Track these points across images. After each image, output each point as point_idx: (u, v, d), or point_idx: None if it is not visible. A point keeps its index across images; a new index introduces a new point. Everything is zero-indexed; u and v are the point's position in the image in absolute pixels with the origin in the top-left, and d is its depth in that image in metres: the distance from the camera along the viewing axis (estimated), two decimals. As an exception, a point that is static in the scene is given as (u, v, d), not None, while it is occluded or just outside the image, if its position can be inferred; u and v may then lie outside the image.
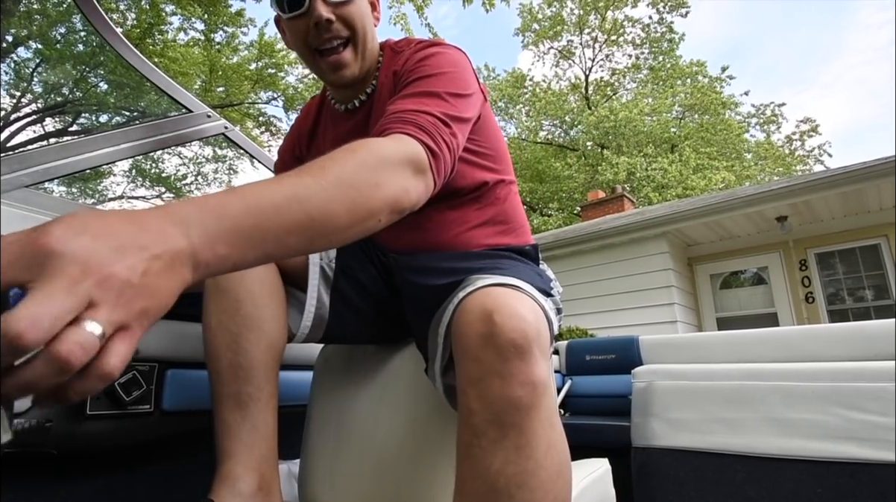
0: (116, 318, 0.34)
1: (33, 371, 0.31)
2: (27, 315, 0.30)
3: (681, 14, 16.94)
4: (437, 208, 0.91)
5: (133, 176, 12.98)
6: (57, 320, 0.31)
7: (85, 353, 0.31)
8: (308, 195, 0.47)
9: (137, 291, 0.35)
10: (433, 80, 0.76)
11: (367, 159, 0.55)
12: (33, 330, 0.29)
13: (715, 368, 1.31)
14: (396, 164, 0.58)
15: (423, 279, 0.84)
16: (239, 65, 14.15)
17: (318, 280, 0.87)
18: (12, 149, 4.73)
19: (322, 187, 0.49)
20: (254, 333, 0.79)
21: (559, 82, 18.89)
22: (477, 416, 0.56)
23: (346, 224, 0.50)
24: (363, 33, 0.84)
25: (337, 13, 0.81)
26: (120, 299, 0.34)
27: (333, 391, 1.00)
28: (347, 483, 0.89)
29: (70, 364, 0.31)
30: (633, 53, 18.09)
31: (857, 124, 35.21)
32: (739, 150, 16.35)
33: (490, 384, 0.56)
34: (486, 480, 0.56)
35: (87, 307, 0.32)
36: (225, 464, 0.74)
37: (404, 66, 0.83)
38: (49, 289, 0.31)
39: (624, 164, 14.05)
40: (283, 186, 0.47)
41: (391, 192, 0.55)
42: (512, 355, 0.55)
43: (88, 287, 0.32)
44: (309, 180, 0.49)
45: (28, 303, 0.30)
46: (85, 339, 0.31)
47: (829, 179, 5.02)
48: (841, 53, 33.21)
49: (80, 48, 9.54)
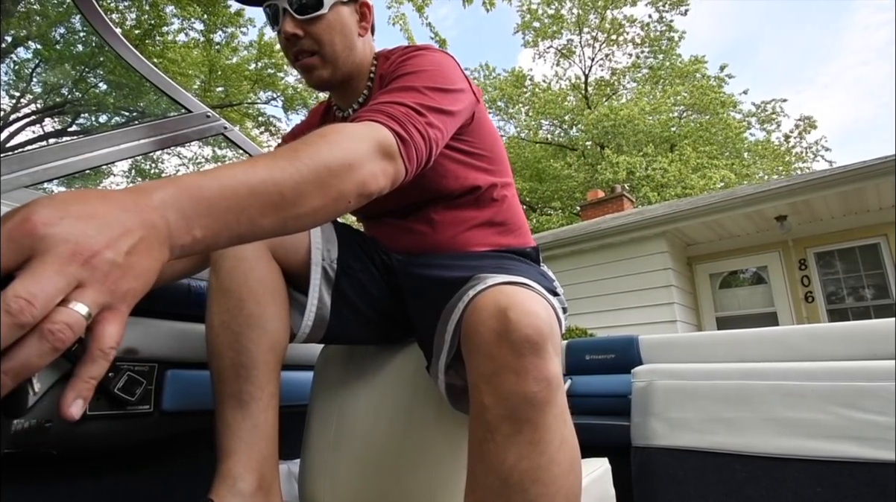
0: (102, 299, 0.35)
1: (27, 351, 0.32)
2: (22, 294, 0.31)
3: (680, 12, 16.95)
4: (434, 209, 0.93)
5: (133, 176, 12.98)
6: (50, 300, 0.32)
7: (73, 333, 0.33)
8: (283, 177, 0.49)
9: (123, 272, 0.36)
10: (412, 76, 0.80)
11: (338, 142, 0.56)
12: (29, 309, 0.31)
13: (714, 368, 1.31)
14: (366, 149, 0.59)
15: (428, 277, 0.85)
16: (238, 65, 14.14)
17: (320, 280, 0.87)
18: (12, 150, 4.73)
19: (296, 169, 0.50)
20: (256, 332, 0.79)
21: (559, 81, 18.91)
22: (490, 412, 0.57)
23: (318, 205, 0.52)
24: (331, 47, 0.89)
25: (304, 29, 0.87)
26: (106, 280, 0.35)
27: (334, 391, 1.00)
28: (347, 482, 0.89)
29: (60, 342, 0.32)
30: (632, 52, 18.10)
31: (856, 124, 35.28)
32: (739, 149, 16.35)
33: (504, 380, 0.56)
34: (499, 475, 0.56)
35: (76, 287, 0.34)
36: (225, 463, 0.74)
37: (388, 69, 0.90)
38: (40, 270, 0.32)
39: (623, 164, 14.05)
40: (258, 168, 0.48)
41: (360, 175, 0.57)
42: (527, 351, 0.56)
43: (77, 268, 0.34)
44: (283, 162, 0.50)
45: (21, 284, 0.32)
46: (73, 320, 0.33)
47: (828, 179, 5.02)
48: (840, 54, 33.25)
49: (79, 48, 9.53)
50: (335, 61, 0.91)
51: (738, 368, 1.27)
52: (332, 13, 0.89)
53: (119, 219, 0.37)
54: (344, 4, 0.91)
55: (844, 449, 1.07)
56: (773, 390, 1.18)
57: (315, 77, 0.91)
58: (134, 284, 0.37)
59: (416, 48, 0.91)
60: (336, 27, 0.89)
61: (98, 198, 0.37)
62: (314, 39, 0.88)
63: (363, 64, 0.96)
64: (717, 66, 18.92)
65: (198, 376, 1.01)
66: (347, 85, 0.96)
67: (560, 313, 0.69)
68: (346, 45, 0.91)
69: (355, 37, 0.93)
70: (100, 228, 0.35)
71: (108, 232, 0.36)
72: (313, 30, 0.88)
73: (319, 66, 0.90)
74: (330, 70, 0.91)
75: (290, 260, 0.87)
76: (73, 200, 0.36)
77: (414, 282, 0.90)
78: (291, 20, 0.87)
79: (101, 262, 0.35)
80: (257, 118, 15.59)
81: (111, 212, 0.37)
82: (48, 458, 0.80)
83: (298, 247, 0.87)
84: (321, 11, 0.87)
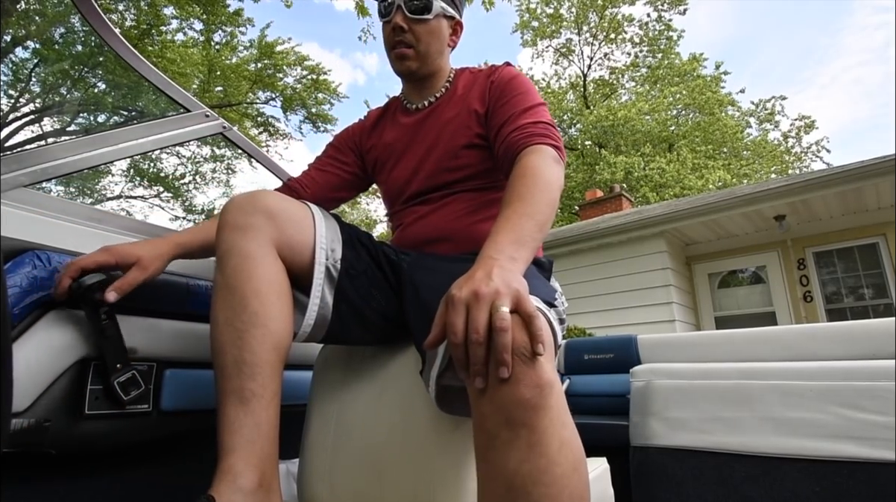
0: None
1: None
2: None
3: (679, 12, 16.94)
4: (456, 195, 1.04)
5: (131, 175, 12.98)
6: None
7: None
8: (536, 213, 0.76)
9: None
10: (527, 96, 1.01)
11: (544, 178, 0.83)
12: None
13: (713, 367, 1.31)
14: (555, 169, 0.86)
15: (431, 281, 0.86)
16: (238, 65, 14.13)
17: (323, 279, 0.88)
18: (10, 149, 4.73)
19: (538, 206, 0.77)
20: (259, 331, 0.79)
21: (558, 80, 18.91)
22: (489, 420, 0.59)
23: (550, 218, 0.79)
24: (427, 46, 1.07)
25: (410, 25, 1.05)
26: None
27: (333, 390, 1.00)
28: (346, 482, 0.90)
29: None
30: (631, 52, 18.11)
31: (855, 125, 35.20)
32: (737, 148, 16.36)
33: (499, 389, 0.58)
34: (503, 480, 0.58)
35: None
36: (226, 460, 0.74)
37: (493, 79, 1.07)
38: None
39: (622, 164, 14.06)
40: (532, 219, 0.75)
41: (559, 185, 0.85)
42: (518, 361, 0.57)
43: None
44: (527, 208, 0.76)
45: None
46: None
47: (827, 178, 5.03)
48: (838, 55, 33.24)
49: (78, 48, 9.52)
50: (426, 58, 1.08)
51: (737, 368, 1.27)
52: (436, 21, 1.06)
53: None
54: (446, 18, 1.09)
55: (843, 448, 1.07)
56: (772, 390, 1.18)
57: (405, 66, 1.07)
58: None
59: (507, 67, 1.09)
60: (435, 32, 1.07)
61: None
62: (416, 36, 1.05)
63: (443, 69, 1.13)
64: (713, 65, 18.85)
65: (197, 376, 1.01)
66: (426, 81, 1.12)
67: (555, 324, 0.73)
68: (438, 49, 1.09)
69: (445, 46, 1.11)
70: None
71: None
72: (417, 28, 1.05)
73: (412, 58, 1.07)
74: (418, 64, 1.08)
75: (295, 258, 0.87)
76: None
77: (417, 285, 0.90)
78: (402, 16, 1.04)
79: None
80: (256, 118, 15.59)
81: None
82: (47, 458, 0.80)
83: (303, 247, 0.88)
84: (428, 16, 1.05)
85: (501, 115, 0.99)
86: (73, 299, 0.80)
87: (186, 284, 1.01)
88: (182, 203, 14.52)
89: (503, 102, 1.01)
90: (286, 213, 0.87)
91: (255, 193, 0.87)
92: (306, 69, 15.03)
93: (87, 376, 0.83)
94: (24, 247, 0.81)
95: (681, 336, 1.85)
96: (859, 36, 30.78)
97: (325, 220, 0.93)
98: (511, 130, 0.95)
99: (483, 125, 1.04)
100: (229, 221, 0.84)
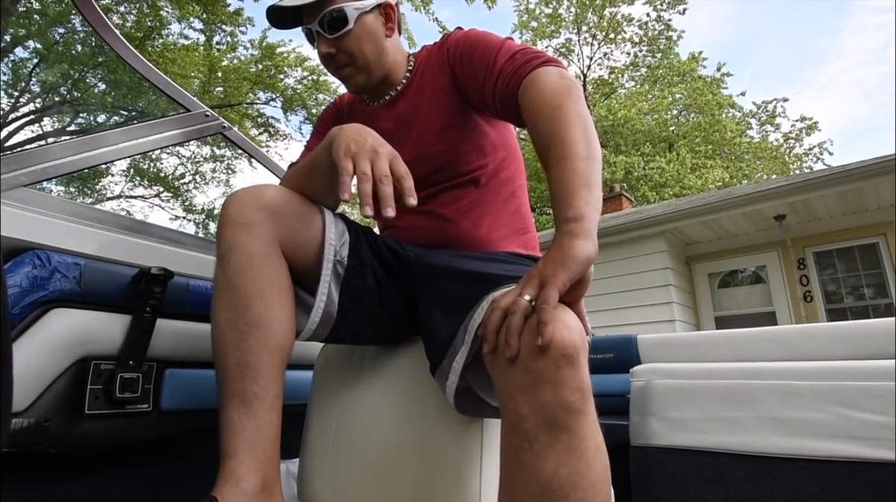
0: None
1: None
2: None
3: (678, 12, 16.92)
4: (455, 195, 0.99)
5: (132, 175, 12.98)
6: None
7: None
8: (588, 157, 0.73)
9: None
10: (489, 42, 0.94)
11: (563, 109, 0.78)
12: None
13: (713, 367, 1.31)
14: (563, 84, 0.81)
15: (444, 278, 0.85)
16: (238, 66, 14.13)
17: (330, 277, 0.86)
18: (10, 149, 4.73)
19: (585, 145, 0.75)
20: (262, 332, 0.78)
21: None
22: (527, 422, 0.58)
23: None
24: (362, 56, 0.99)
25: (336, 45, 0.97)
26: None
27: (333, 390, 1.00)
28: (347, 482, 0.89)
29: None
30: (630, 51, 18.09)
31: (854, 125, 35.23)
32: (737, 152, 16.35)
33: (542, 390, 0.58)
34: (539, 483, 0.57)
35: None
36: (229, 463, 0.74)
37: (447, 46, 1.00)
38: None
39: (622, 163, 14.06)
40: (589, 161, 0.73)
41: (580, 97, 0.81)
42: (563, 363, 0.57)
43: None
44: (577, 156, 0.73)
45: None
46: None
47: (827, 178, 5.03)
48: (838, 55, 33.25)
49: (78, 48, 9.51)
50: (368, 67, 1.00)
51: (737, 368, 1.27)
52: (358, 26, 0.97)
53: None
54: (367, 13, 0.98)
55: (843, 448, 1.07)
56: (772, 390, 1.18)
57: (353, 84, 1.02)
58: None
59: (456, 30, 1.02)
60: (363, 37, 0.98)
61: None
62: (347, 53, 0.98)
63: (397, 62, 1.04)
64: (715, 66, 18.85)
65: (196, 375, 1.01)
66: (383, 83, 1.04)
67: (588, 323, 0.72)
68: (376, 50, 1.00)
69: (383, 40, 1.02)
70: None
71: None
72: (344, 45, 0.97)
73: (356, 73, 1.00)
74: (365, 75, 1.01)
75: (299, 255, 0.85)
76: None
77: (428, 281, 0.89)
78: (324, 40, 0.97)
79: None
80: (256, 119, 15.59)
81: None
82: (47, 457, 0.80)
83: (309, 243, 0.86)
84: (348, 28, 0.96)
85: (478, 73, 0.92)
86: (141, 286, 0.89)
87: (186, 284, 1.01)
88: (182, 203, 14.52)
89: (469, 60, 0.95)
90: (290, 209, 0.85)
91: (258, 187, 0.85)
92: (307, 70, 15.03)
93: (87, 376, 0.83)
94: (24, 246, 0.81)
95: (681, 336, 1.85)
96: (859, 37, 30.81)
97: (332, 216, 0.91)
98: (495, 80, 0.89)
99: (454, 100, 0.98)
100: (231, 217, 0.81)
